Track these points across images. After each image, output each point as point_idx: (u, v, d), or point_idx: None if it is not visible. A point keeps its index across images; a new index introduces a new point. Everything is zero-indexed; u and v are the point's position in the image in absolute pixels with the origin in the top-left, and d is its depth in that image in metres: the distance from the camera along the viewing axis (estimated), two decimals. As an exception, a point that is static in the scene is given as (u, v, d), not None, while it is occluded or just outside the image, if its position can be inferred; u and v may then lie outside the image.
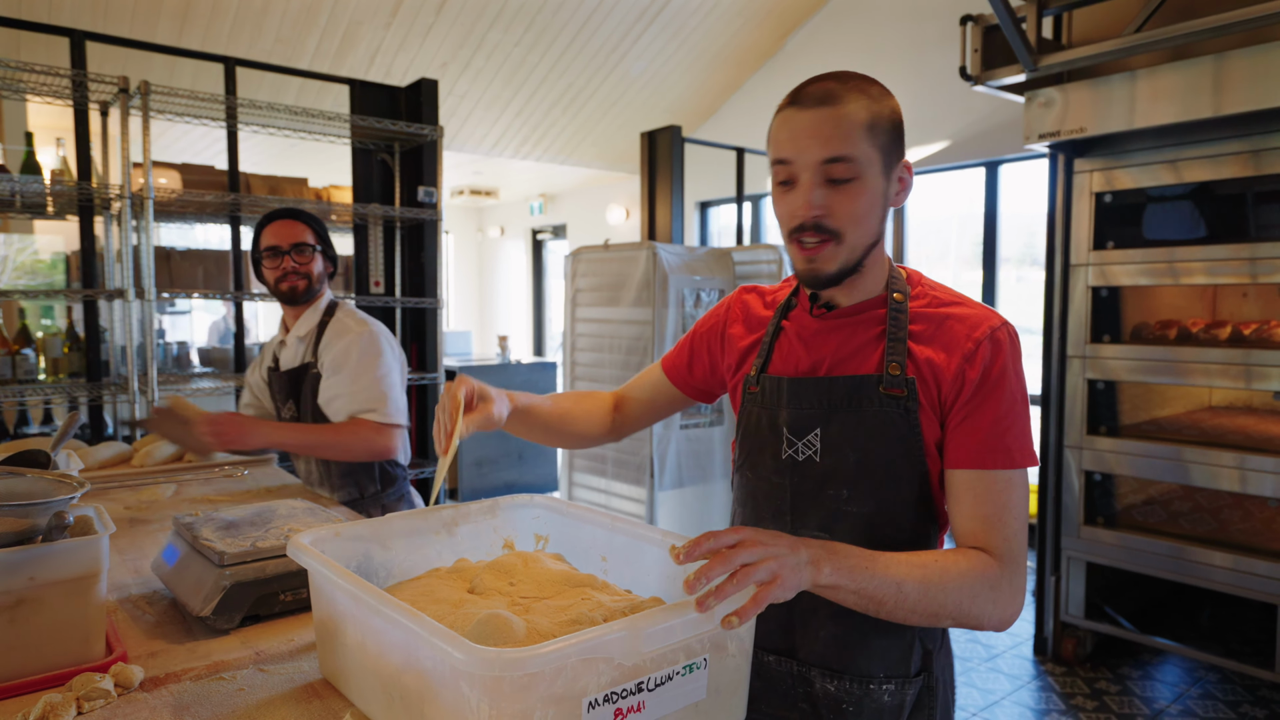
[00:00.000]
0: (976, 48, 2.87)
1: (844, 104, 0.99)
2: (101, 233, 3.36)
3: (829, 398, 1.09)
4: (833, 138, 0.99)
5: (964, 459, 1.02)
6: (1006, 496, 1.01)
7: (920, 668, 1.11)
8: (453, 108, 6.15)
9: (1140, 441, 2.94)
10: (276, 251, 2.05)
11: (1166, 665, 3.14)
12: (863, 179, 1.01)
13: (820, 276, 1.05)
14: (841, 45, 6.04)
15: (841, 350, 1.10)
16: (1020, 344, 1.07)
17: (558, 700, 0.74)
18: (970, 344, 1.03)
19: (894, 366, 1.05)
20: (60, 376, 3.11)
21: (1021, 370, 1.05)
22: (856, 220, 1.02)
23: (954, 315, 1.07)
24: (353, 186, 3.80)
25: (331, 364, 2.00)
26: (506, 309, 10.56)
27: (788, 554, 0.83)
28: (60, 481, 1.12)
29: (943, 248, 6.25)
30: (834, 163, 0.99)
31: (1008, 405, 1.02)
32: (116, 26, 4.51)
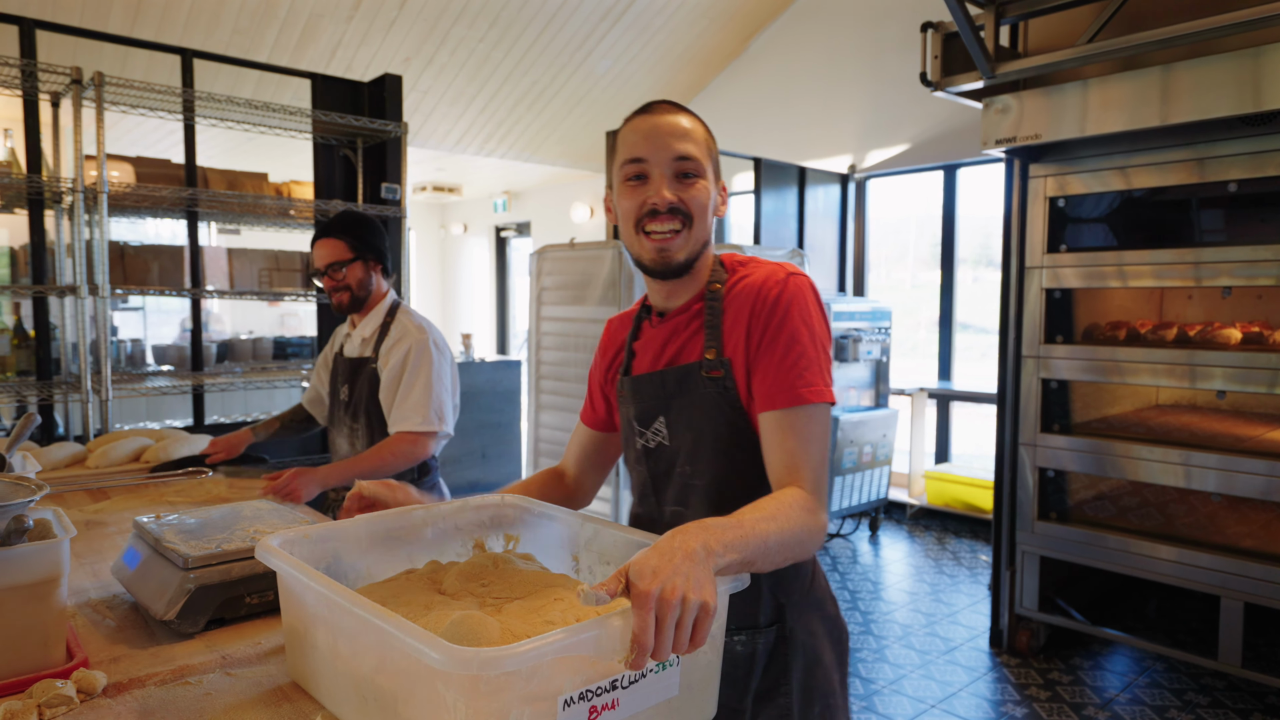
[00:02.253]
0: (937, 54, 2.93)
1: (690, 117, 1.18)
2: (52, 227, 3.26)
3: (663, 389, 1.21)
4: (685, 139, 1.15)
5: (761, 403, 1.11)
6: (806, 431, 1.08)
7: (772, 619, 1.18)
8: (416, 103, 6.08)
9: (1091, 439, 3.03)
10: (319, 274, 2.18)
11: (1116, 655, 3.24)
12: (704, 180, 1.17)
13: (670, 264, 1.16)
14: (804, 48, 6.11)
15: (672, 347, 1.22)
16: (812, 291, 1.15)
17: (533, 699, 0.75)
18: (757, 299, 1.14)
19: (710, 352, 1.16)
20: (8, 375, 3.02)
21: (812, 314, 1.12)
22: (703, 210, 1.16)
23: (748, 277, 1.18)
24: (314, 182, 3.74)
25: (388, 373, 2.13)
26: (470, 307, 10.48)
27: (692, 566, 0.81)
28: (18, 484, 1.09)
29: (901, 248, 6.36)
30: (684, 160, 1.14)
31: (791, 345, 1.10)
32: (67, 15, 4.38)
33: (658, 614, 0.77)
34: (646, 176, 1.15)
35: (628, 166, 1.16)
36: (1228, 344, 2.81)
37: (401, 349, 2.12)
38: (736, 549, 0.89)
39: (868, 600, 3.87)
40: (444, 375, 2.16)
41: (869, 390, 5.01)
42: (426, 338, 2.15)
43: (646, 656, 0.76)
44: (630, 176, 1.16)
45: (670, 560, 0.81)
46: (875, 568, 4.37)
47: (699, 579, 0.80)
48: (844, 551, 4.63)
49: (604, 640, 0.79)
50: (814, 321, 1.12)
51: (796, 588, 1.20)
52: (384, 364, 2.14)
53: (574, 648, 0.77)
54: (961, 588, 4.03)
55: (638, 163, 1.15)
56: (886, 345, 5.00)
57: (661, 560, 0.80)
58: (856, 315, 4.83)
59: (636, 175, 1.15)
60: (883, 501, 5.03)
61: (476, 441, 5.60)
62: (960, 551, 4.61)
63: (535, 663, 0.74)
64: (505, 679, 0.73)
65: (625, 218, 1.18)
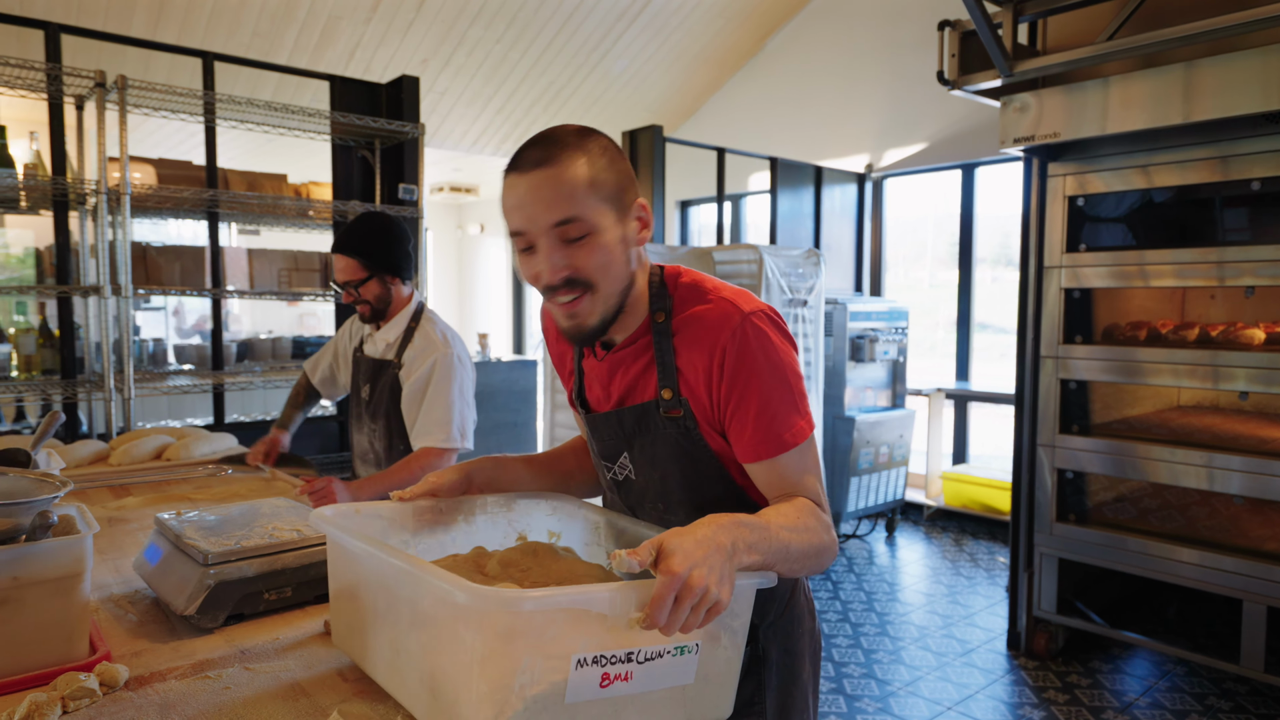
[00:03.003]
0: (954, 53, 2.91)
1: (561, 164, 1.00)
2: (76, 228, 3.31)
3: (622, 428, 1.16)
4: (556, 200, 0.99)
5: (746, 454, 1.07)
6: (799, 468, 1.07)
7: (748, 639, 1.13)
8: (433, 104, 6.12)
9: (1111, 440, 3.00)
10: (338, 285, 2.19)
11: (1136, 659, 3.21)
12: (596, 233, 1.02)
13: (584, 331, 1.08)
14: (820, 47, 6.09)
15: (624, 382, 1.15)
16: (773, 324, 1.07)
17: (547, 653, 0.79)
18: (714, 348, 1.06)
19: (666, 391, 1.10)
20: (33, 373, 3.07)
21: (775, 350, 1.06)
22: (603, 270, 1.04)
23: (700, 317, 1.09)
24: (332, 183, 3.78)
25: (412, 384, 2.14)
26: (486, 306, 10.53)
27: (720, 560, 0.85)
28: (43, 481, 1.12)
29: (919, 248, 6.33)
30: (565, 224, 1.00)
31: (767, 400, 1.04)
32: (90, 19, 4.44)
33: (679, 595, 0.80)
34: (533, 247, 1.03)
35: (514, 238, 1.05)
36: (1251, 344, 2.78)
37: (426, 362, 2.13)
38: (759, 550, 0.91)
39: (884, 601, 3.85)
40: (466, 391, 2.19)
41: (886, 390, 4.99)
42: (451, 352, 2.16)
43: (655, 626, 0.80)
44: (520, 247, 1.05)
45: (704, 548, 0.84)
46: (891, 569, 4.35)
47: (723, 574, 0.84)
48: (860, 552, 4.61)
49: (618, 603, 0.82)
50: (779, 362, 1.05)
51: (773, 607, 1.17)
52: (407, 374, 2.16)
53: (588, 603, 0.81)
54: (979, 589, 4.00)
55: (520, 235, 1.03)
56: (903, 345, 4.97)
57: (696, 547, 0.84)
58: (873, 315, 4.80)
59: (524, 247, 1.04)
60: (899, 502, 5.01)
61: (493, 440, 5.62)
62: (977, 553, 4.58)
63: (550, 608, 0.78)
64: (520, 626, 0.78)
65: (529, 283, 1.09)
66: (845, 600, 3.85)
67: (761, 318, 1.06)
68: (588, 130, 1.05)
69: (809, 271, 4.18)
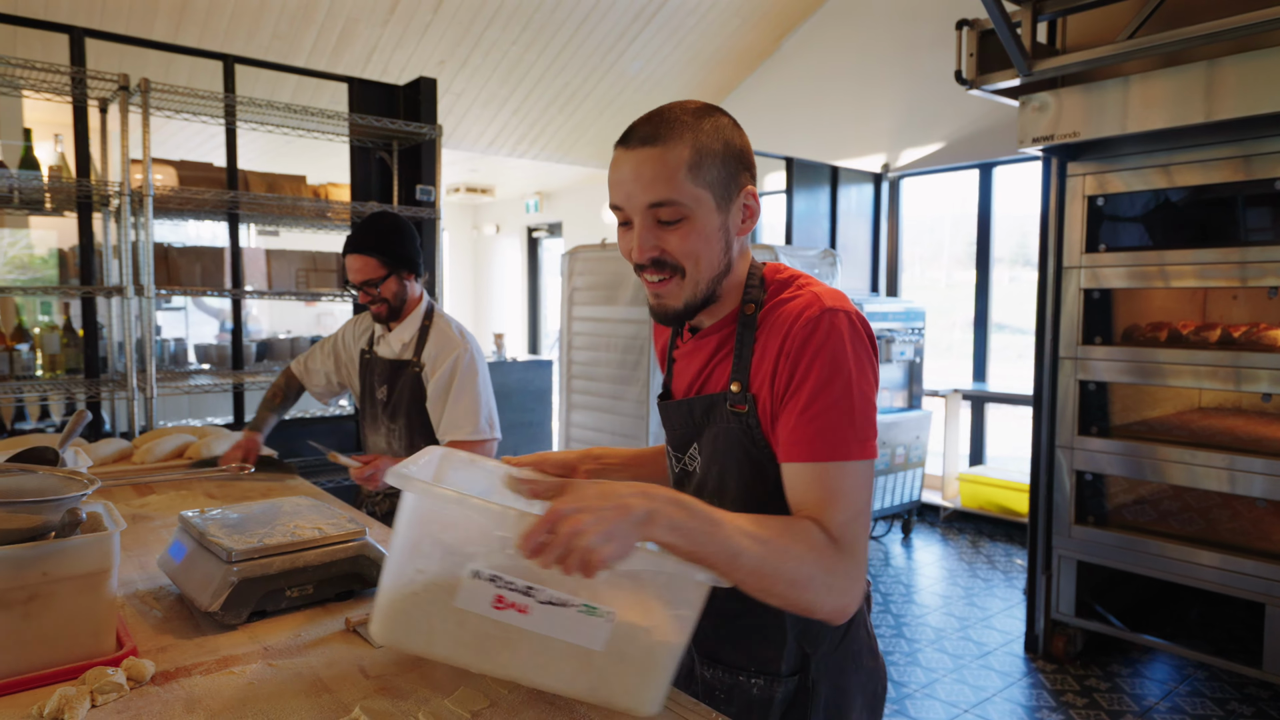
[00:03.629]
0: (972, 52, 2.90)
1: (666, 145, 0.99)
2: (100, 229, 3.36)
3: (691, 418, 1.13)
4: (654, 182, 0.99)
5: (782, 453, 1.00)
6: (835, 486, 0.95)
7: (795, 668, 1.10)
8: (449, 105, 6.15)
9: (1131, 442, 2.97)
10: (354, 285, 2.19)
11: (1155, 663, 3.18)
12: (692, 218, 1.01)
13: (668, 312, 1.06)
14: (837, 47, 6.07)
15: (704, 370, 1.12)
16: (851, 329, 0.99)
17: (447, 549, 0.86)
18: (784, 332, 1.00)
19: (735, 384, 1.05)
20: (57, 373, 3.12)
21: (847, 356, 0.97)
22: (694, 256, 1.02)
23: (782, 306, 1.04)
24: (351, 184, 3.81)
25: (436, 384, 2.15)
26: (502, 306, 10.57)
27: (616, 518, 0.82)
28: (71, 479, 1.13)
29: (936, 248, 6.29)
30: (659, 206, 1.00)
31: (818, 395, 0.96)
32: (113, 22, 4.50)
33: (552, 530, 0.81)
34: (630, 223, 1.04)
35: (614, 211, 1.05)
36: (1274, 345, 2.75)
37: (447, 360, 2.15)
38: (687, 536, 0.85)
39: (900, 603, 3.83)
40: (488, 384, 2.21)
41: (902, 391, 4.97)
42: (470, 349, 2.19)
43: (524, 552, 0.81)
44: (620, 221, 1.05)
45: (604, 500, 0.83)
46: (908, 570, 4.33)
47: (613, 532, 0.81)
48: (876, 554, 4.59)
49: (506, 520, 0.85)
50: (848, 365, 0.97)
51: (826, 639, 1.11)
52: (431, 372, 2.17)
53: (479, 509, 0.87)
54: (996, 592, 3.98)
55: (618, 209, 1.04)
56: (920, 346, 4.95)
57: (596, 497, 0.83)
58: (889, 316, 4.79)
59: (623, 221, 1.05)
60: (916, 504, 4.98)
61: (508, 440, 5.64)
62: (995, 555, 4.55)
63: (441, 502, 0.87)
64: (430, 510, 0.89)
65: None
66: (861, 602, 3.84)
67: (843, 319, 0.99)
68: (707, 110, 1.03)
69: (825, 272, 4.17)
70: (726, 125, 1.03)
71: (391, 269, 2.16)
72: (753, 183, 1.06)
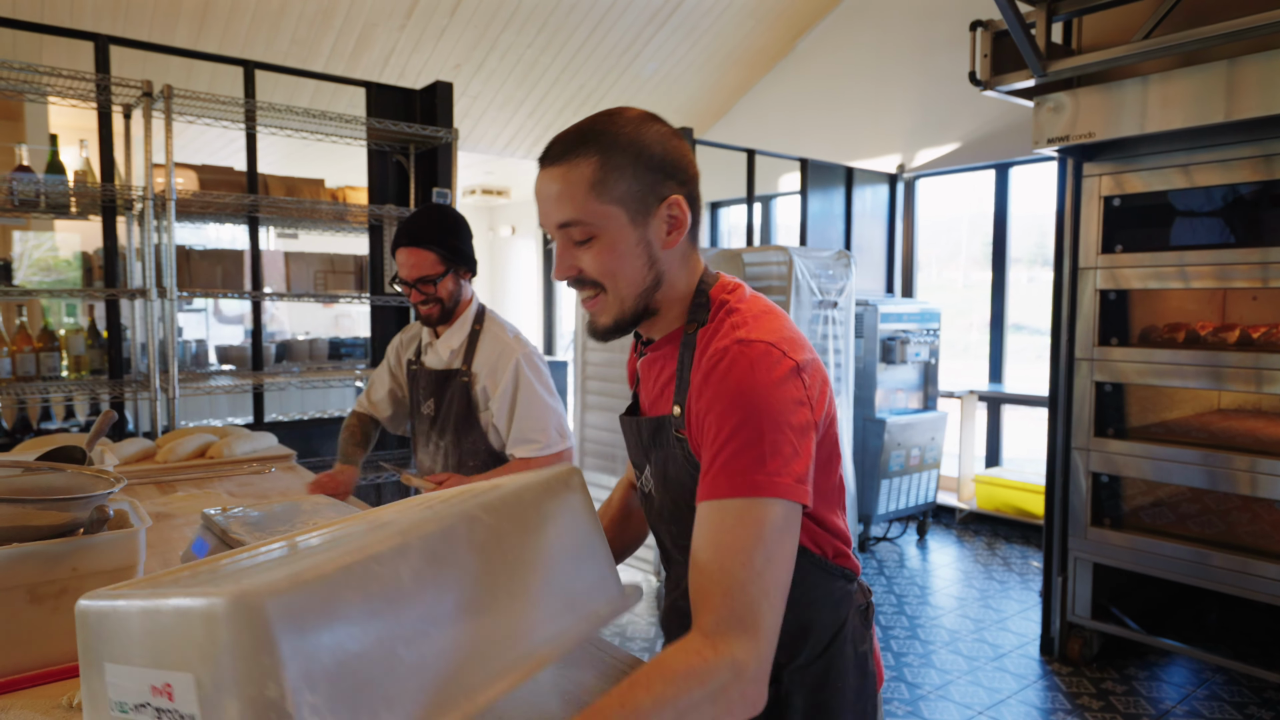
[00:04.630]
0: (986, 53, 2.89)
1: (570, 163, 0.96)
2: (124, 232, 3.42)
3: (641, 438, 1.09)
4: (560, 202, 0.96)
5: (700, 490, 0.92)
6: (731, 533, 0.86)
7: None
8: (465, 108, 6.19)
9: (1149, 444, 2.95)
10: (405, 283, 2.00)
11: (1173, 666, 3.16)
12: (601, 236, 0.97)
13: (596, 328, 1.03)
14: (852, 47, 6.06)
15: (655, 386, 1.09)
16: (765, 356, 0.92)
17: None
18: (705, 364, 0.96)
19: (676, 407, 1.01)
20: (82, 374, 3.18)
21: (759, 389, 0.90)
22: (610, 274, 0.98)
23: (714, 336, 0.99)
24: (368, 187, 3.85)
25: (500, 399, 1.97)
26: (518, 308, 10.62)
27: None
28: (98, 477, 1.17)
29: (954, 248, 6.27)
30: (567, 226, 0.97)
31: (728, 430, 0.89)
32: (136, 28, 4.58)
33: None
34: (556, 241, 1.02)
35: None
36: (1294, 347, 2.72)
37: (507, 369, 1.97)
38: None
39: (914, 605, 3.83)
40: (552, 386, 2.04)
41: (917, 392, 4.95)
42: (529, 350, 2.03)
43: None
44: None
45: None
46: (923, 572, 4.32)
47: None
48: (890, 555, 4.59)
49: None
50: (764, 400, 0.90)
51: (804, 650, 1.04)
52: (492, 385, 1.98)
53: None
54: (1012, 594, 3.96)
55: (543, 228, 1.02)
56: (935, 347, 4.93)
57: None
58: (904, 317, 4.78)
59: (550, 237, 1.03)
60: (931, 505, 4.97)
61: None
62: (1011, 557, 4.53)
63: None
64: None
65: None
66: (875, 603, 3.82)
67: (756, 348, 0.93)
68: (629, 120, 0.98)
69: (839, 273, 4.16)
70: (650, 135, 0.98)
71: (450, 265, 1.98)
72: (680, 192, 0.99)
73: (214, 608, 0.63)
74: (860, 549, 4.63)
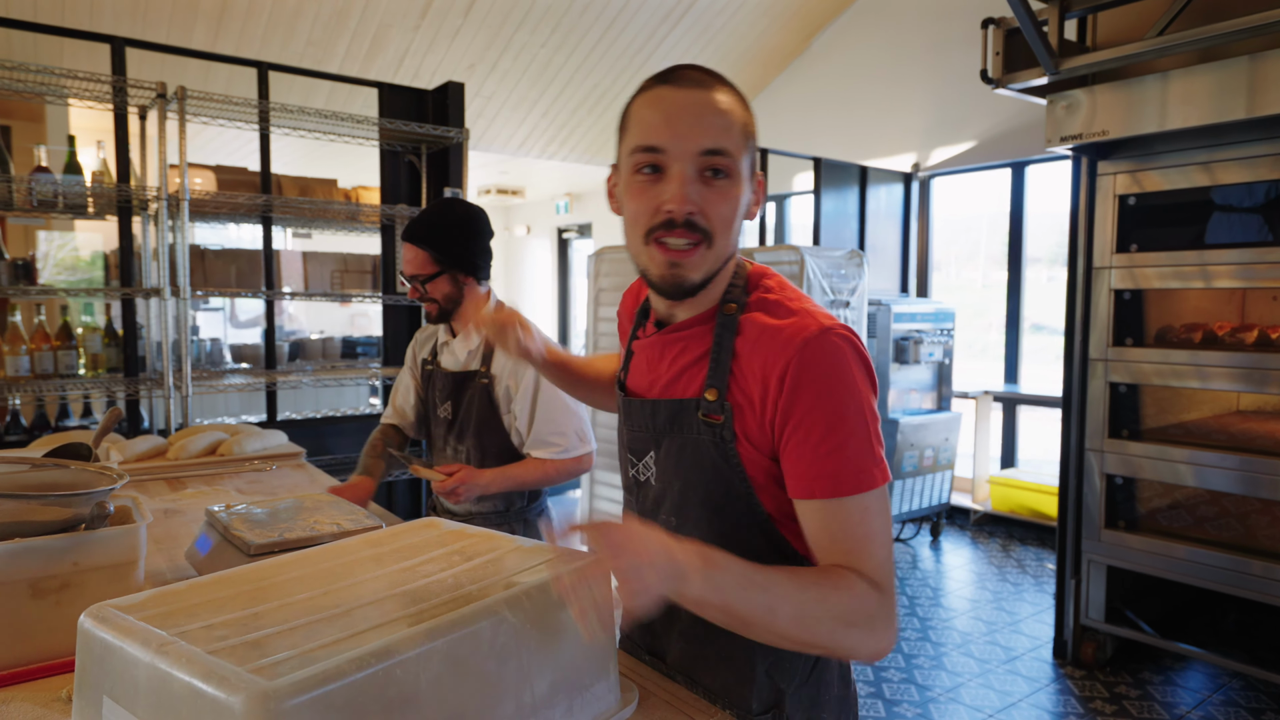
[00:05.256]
0: (998, 51, 2.87)
1: (727, 94, 0.93)
2: (139, 232, 3.46)
3: (654, 421, 1.03)
4: (718, 125, 0.90)
5: (797, 488, 0.91)
6: (861, 524, 0.88)
7: (768, 705, 1.01)
8: (480, 108, 6.22)
9: (1164, 446, 2.92)
10: (405, 277, 1.96)
11: (1189, 671, 3.11)
12: (734, 179, 0.92)
13: (685, 284, 0.95)
14: (866, 46, 6.03)
15: (672, 369, 1.02)
16: (854, 349, 0.91)
17: None
18: (783, 359, 0.91)
19: (711, 392, 0.96)
20: (99, 372, 3.22)
21: (853, 379, 0.90)
22: (726, 224, 0.93)
23: (776, 327, 0.94)
24: (380, 187, 3.88)
25: (521, 400, 1.91)
26: (532, 306, 10.65)
27: (663, 564, 0.76)
28: (101, 473, 1.18)
29: (972, 247, 6.22)
30: (713, 154, 0.90)
31: (835, 420, 0.88)
32: (154, 30, 4.63)
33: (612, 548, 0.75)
34: (662, 170, 0.91)
35: (639, 155, 0.92)
36: (1313, 347, 2.68)
37: (529, 369, 1.87)
38: (717, 592, 0.79)
39: (926, 606, 3.80)
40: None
41: (930, 393, 4.92)
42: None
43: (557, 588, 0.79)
44: (641, 167, 0.92)
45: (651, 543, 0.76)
46: (936, 574, 4.29)
47: (659, 575, 0.75)
48: (903, 557, 4.56)
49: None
50: (856, 391, 0.89)
51: (799, 670, 1.03)
52: (514, 385, 1.91)
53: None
54: (1025, 596, 3.92)
55: (653, 152, 0.90)
56: (949, 347, 4.89)
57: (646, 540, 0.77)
58: (918, 316, 4.74)
59: (650, 166, 0.91)
60: (945, 506, 4.93)
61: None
62: (1025, 559, 4.48)
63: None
64: None
65: (632, 220, 0.95)
66: (887, 604, 3.81)
67: (842, 338, 0.91)
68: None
69: (851, 273, 4.14)
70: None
71: (445, 267, 1.91)
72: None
73: (231, 704, 0.64)
74: (872, 550, 4.60)
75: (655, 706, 1.01)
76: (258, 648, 0.74)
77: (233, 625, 0.79)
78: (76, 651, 0.81)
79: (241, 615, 0.81)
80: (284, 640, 0.76)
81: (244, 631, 0.77)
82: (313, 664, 0.69)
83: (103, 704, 0.78)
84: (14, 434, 3.12)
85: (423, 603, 0.84)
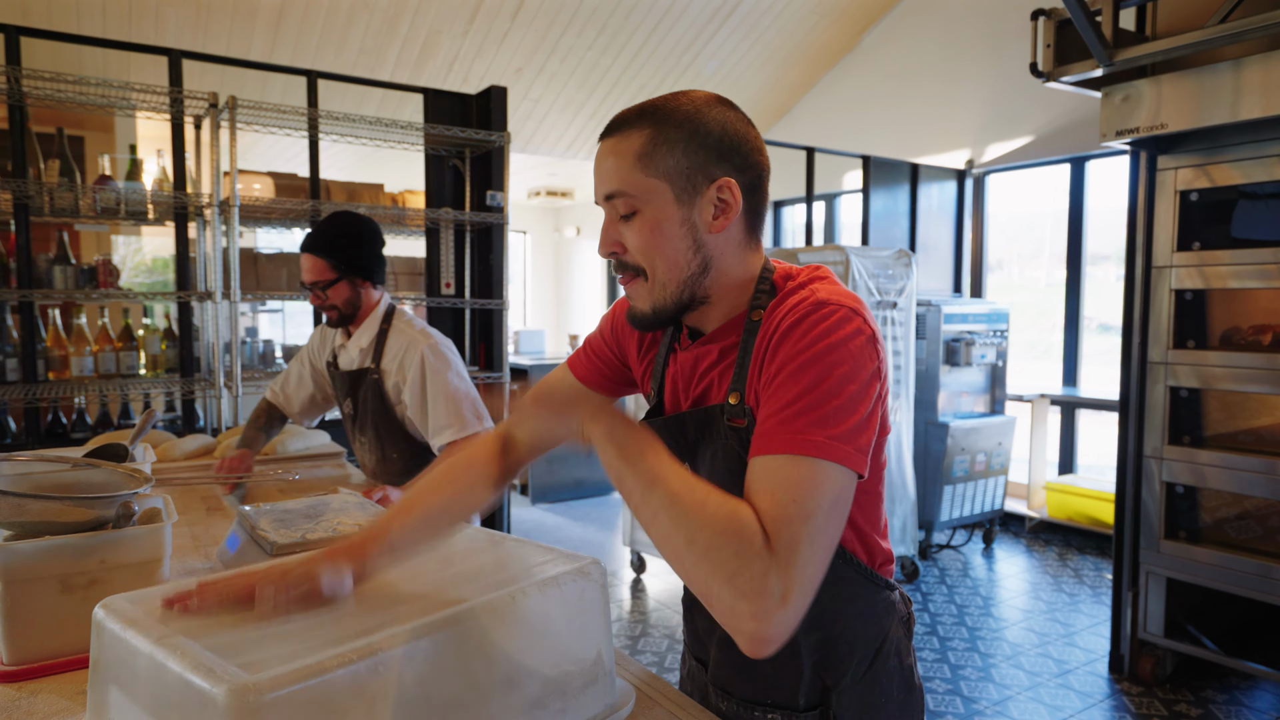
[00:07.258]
0: (1049, 43, 2.76)
1: (623, 134, 0.93)
2: (197, 237, 3.59)
3: (683, 435, 1.02)
4: (608, 172, 0.94)
5: (754, 446, 0.84)
6: (797, 479, 0.78)
7: (814, 702, 1.00)
8: (528, 111, 6.28)
9: (1230, 453, 2.77)
10: (304, 286, 2.09)
11: (1257, 691, 2.96)
12: (644, 212, 0.92)
13: (634, 315, 0.98)
14: (918, 41, 5.89)
15: (702, 381, 1.01)
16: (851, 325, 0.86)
17: None
18: (779, 328, 0.89)
19: (734, 396, 0.94)
20: (158, 372, 3.35)
21: (845, 349, 0.84)
22: (650, 255, 0.93)
23: (782, 305, 0.93)
24: (425, 191, 3.94)
25: (410, 391, 2.04)
26: (581, 308, 10.71)
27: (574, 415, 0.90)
28: (131, 475, 1.22)
29: (1036, 245, 6.03)
30: (611, 198, 0.94)
31: (807, 382, 0.83)
32: (215, 41, 4.80)
33: None
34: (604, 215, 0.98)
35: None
36: (1393, 351, 2.51)
37: (413, 362, 2.03)
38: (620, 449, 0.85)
39: (975, 616, 3.69)
40: (463, 372, 2.08)
41: (983, 396, 4.78)
42: (434, 340, 2.08)
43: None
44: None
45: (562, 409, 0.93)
46: (987, 582, 4.17)
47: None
48: (954, 564, 4.44)
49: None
50: (839, 356, 0.84)
51: (850, 670, 1.00)
52: (401, 380, 2.05)
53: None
54: (1082, 607, 3.78)
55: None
56: (1003, 349, 4.75)
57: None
58: (969, 317, 4.61)
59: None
60: (998, 513, 4.79)
61: (582, 440, 5.71)
62: (1083, 569, 4.32)
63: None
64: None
65: None
66: (934, 613, 3.72)
67: (843, 311, 0.87)
68: (686, 99, 0.94)
69: (899, 273, 4.05)
70: (711, 116, 0.93)
71: (342, 274, 2.04)
72: (736, 177, 0.93)
73: (215, 696, 0.66)
74: (921, 556, 4.50)
75: (655, 712, 0.99)
76: (256, 643, 0.77)
77: (236, 620, 0.81)
78: (91, 642, 0.84)
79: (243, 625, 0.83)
80: (281, 636, 0.78)
81: (244, 626, 0.80)
82: (298, 659, 0.70)
83: (110, 695, 0.81)
84: (80, 431, 3.27)
85: (422, 602, 0.85)
